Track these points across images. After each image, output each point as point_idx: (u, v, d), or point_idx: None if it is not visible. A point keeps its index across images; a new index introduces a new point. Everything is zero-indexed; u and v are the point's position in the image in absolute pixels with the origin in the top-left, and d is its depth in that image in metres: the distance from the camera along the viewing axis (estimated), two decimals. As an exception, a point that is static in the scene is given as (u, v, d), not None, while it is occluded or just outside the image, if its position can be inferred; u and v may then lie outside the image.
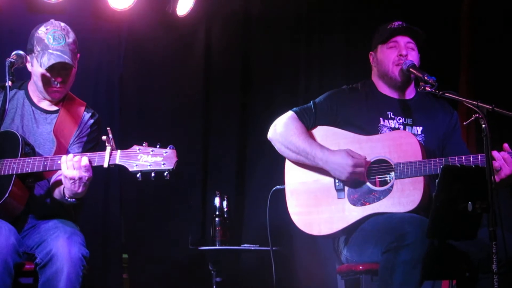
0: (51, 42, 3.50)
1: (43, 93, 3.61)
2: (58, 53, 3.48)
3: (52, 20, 3.64)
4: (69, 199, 3.37)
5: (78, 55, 3.67)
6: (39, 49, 3.52)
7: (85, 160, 3.25)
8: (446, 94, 3.40)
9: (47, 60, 3.47)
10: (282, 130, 3.82)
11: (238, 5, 5.79)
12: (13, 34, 4.91)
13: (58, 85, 3.57)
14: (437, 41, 4.09)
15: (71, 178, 3.26)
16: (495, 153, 3.39)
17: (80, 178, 3.26)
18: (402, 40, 3.76)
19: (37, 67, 3.53)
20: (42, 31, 3.55)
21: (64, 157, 3.28)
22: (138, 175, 3.20)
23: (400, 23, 3.80)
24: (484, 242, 3.07)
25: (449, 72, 5.58)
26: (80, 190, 3.30)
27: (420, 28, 3.82)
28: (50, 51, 3.49)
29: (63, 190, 3.36)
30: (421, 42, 3.80)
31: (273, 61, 5.90)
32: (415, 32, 3.77)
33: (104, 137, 3.23)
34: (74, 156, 3.28)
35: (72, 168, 3.25)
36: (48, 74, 3.53)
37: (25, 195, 3.44)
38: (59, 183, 3.45)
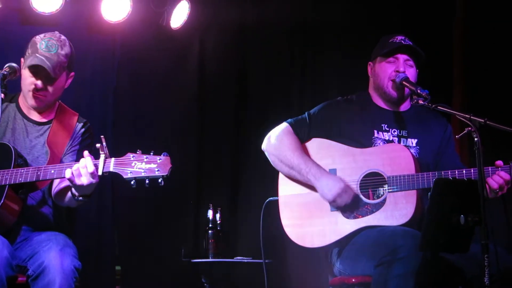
0: (42, 48, 3.52)
1: (26, 97, 3.60)
2: (43, 58, 3.49)
3: (56, 31, 3.66)
4: (79, 198, 3.37)
5: (72, 73, 3.68)
6: (30, 52, 3.55)
7: (91, 167, 3.23)
8: (438, 107, 3.40)
9: (30, 61, 3.50)
10: (276, 143, 3.82)
11: (232, 17, 5.81)
12: (6, 46, 4.91)
13: (33, 87, 3.53)
14: (431, 52, 4.08)
15: (80, 185, 3.25)
16: (500, 174, 3.40)
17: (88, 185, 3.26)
18: (402, 57, 3.76)
19: (24, 69, 3.54)
20: (39, 37, 3.58)
21: (68, 171, 3.25)
22: (132, 182, 3.18)
23: (403, 37, 3.80)
24: (477, 257, 3.06)
25: (443, 83, 5.60)
26: (89, 192, 3.34)
27: (414, 39, 3.82)
28: (37, 54, 3.51)
29: (72, 191, 3.37)
30: (421, 61, 3.80)
31: (267, 72, 5.91)
32: (416, 52, 3.78)
33: (98, 145, 3.22)
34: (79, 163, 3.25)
35: (79, 176, 3.24)
36: (30, 76, 3.54)
37: (18, 207, 3.42)
38: (65, 189, 3.45)
